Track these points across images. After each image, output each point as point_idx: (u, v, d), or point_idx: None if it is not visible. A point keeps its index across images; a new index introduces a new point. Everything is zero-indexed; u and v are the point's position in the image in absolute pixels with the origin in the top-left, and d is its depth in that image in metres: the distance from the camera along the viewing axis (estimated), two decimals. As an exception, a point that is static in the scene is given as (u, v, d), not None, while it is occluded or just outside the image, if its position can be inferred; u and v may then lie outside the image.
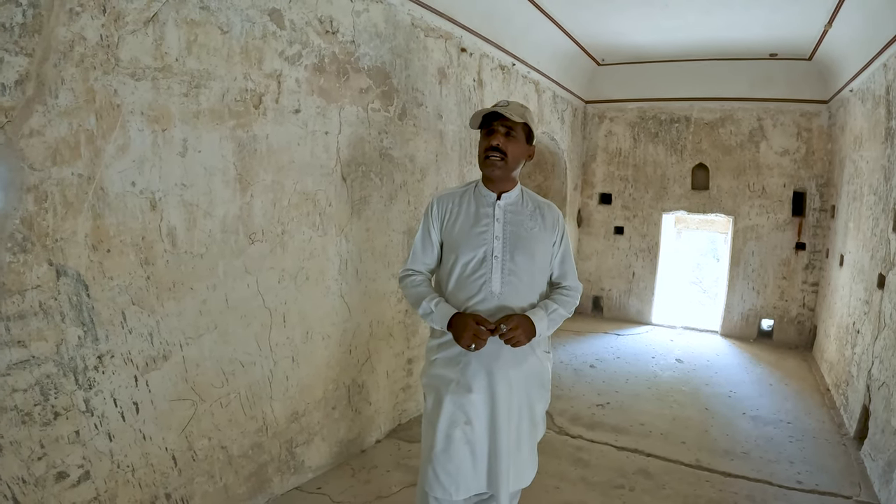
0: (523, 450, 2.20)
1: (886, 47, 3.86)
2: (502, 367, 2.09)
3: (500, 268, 2.09)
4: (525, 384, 2.15)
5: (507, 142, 2.06)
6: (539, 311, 2.10)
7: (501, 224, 2.12)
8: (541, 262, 2.17)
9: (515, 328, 1.99)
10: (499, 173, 2.10)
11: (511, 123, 2.05)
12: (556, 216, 2.24)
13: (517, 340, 2.00)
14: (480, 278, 2.10)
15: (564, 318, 2.22)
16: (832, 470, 3.56)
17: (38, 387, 1.93)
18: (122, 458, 2.22)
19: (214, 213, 2.50)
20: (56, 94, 1.84)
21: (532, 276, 2.15)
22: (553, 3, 4.68)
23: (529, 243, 2.13)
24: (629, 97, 6.98)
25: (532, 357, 2.17)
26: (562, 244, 2.24)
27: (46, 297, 1.92)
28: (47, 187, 1.87)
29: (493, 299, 2.09)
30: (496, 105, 2.07)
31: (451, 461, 2.09)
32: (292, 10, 2.74)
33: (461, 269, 2.12)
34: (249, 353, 2.78)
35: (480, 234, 2.11)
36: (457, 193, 2.24)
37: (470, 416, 2.08)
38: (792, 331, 6.55)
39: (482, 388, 2.08)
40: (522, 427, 2.18)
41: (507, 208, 2.16)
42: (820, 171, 6.28)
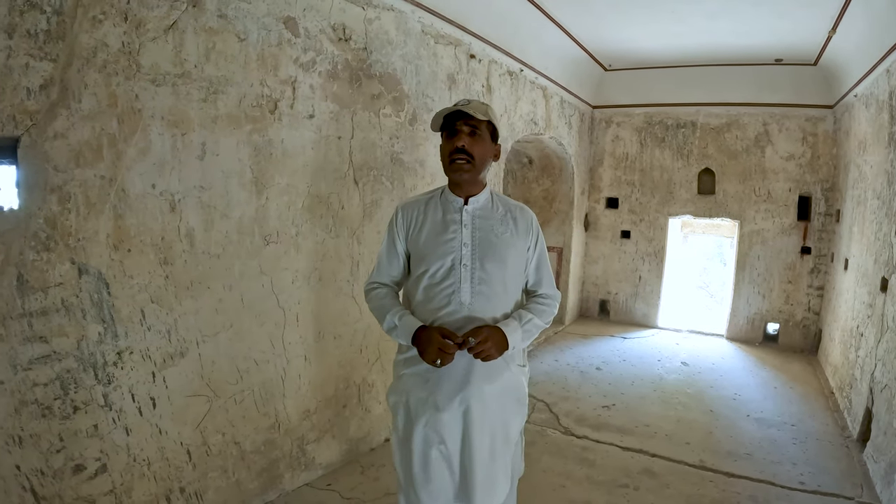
0: (497, 468, 1.99)
1: (889, 53, 3.84)
2: (474, 384, 1.91)
3: (469, 277, 1.92)
4: (499, 401, 1.97)
5: (473, 142, 1.89)
6: (512, 322, 1.92)
7: (469, 230, 1.95)
8: (513, 269, 2.00)
9: (485, 341, 1.82)
10: (466, 177, 1.92)
11: (475, 122, 1.88)
12: (530, 219, 2.06)
13: (487, 354, 1.83)
14: (448, 288, 1.92)
15: (541, 328, 2.03)
16: (835, 471, 3.53)
17: (59, 381, 1.96)
18: (139, 452, 2.25)
19: (231, 214, 2.53)
20: (79, 99, 1.88)
21: (504, 285, 1.97)
22: (561, 10, 4.69)
23: (500, 249, 1.95)
24: (636, 102, 6.97)
25: (506, 372, 1.99)
26: (536, 249, 2.07)
27: (68, 294, 1.96)
28: (70, 188, 1.91)
29: (462, 310, 1.92)
30: (457, 104, 1.89)
31: (431, 482, 1.94)
32: (307, 18, 2.78)
33: (429, 279, 1.94)
34: (263, 351, 2.80)
35: (448, 242, 1.94)
36: (422, 201, 2.06)
37: (443, 436, 1.92)
38: (797, 335, 6.50)
39: (453, 407, 1.91)
40: (496, 446, 1.98)
41: (475, 213, 1.98)
42: (825, 176, 6.24)
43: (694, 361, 5.86)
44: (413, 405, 1.97)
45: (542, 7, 4.54)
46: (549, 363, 5.59)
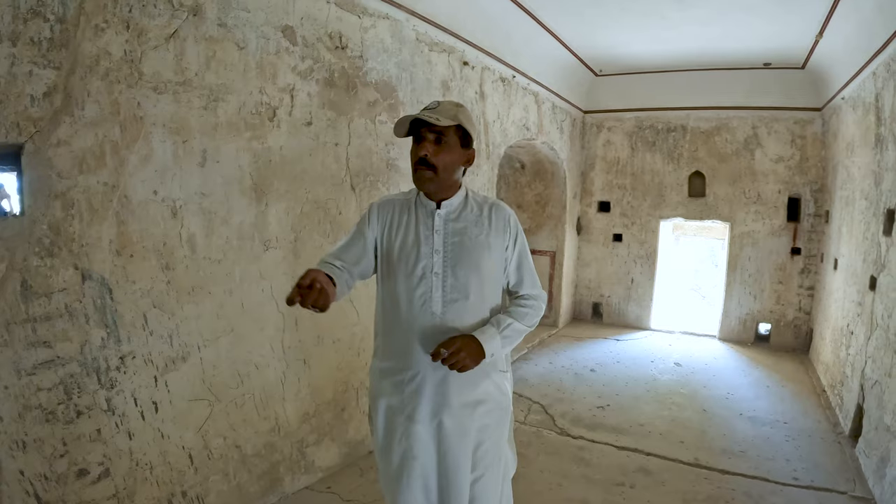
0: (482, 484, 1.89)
1: (875, 56, 3.91)
2: (451, 396, 1.81)
3: (440, 285, 1.80)
4: (479, 413, 1.86)
5: (438, 150, 1.75)
6: (489, 329, 1.80)
7: (441, 236, 1.83)
8: (490, 272, 1.87)
9: (457, 352, 1.69)
10: (431, 187, 1.80)
11: (440, 128, 1.75)
12: (506, 217, 1.91)
13: (462, 365, 1.69)
14: (420, 298, 1.80)
15: (524, 332, 1.90)
16: (827, 467, 3.57)
17: (62, 386, 1.96)
18: (141, 457, 2.25)
19: (231, 220, 2.54)
20: (83, 106, 1.89)
21: (480, 291, 1.85)
22: (552, 17, 4.74)
23: (473, 253, 1.83)
24: (627, 107, 7.03)
25: (486, 381, 1.87)
26: (516, 248, 1.93)
27: (72, 299, 1.96)
28: (74, 195, 1.92)
29: (434, 320, 1.80)
30: (424, 109, 1.77)
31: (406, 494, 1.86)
32: (304, 27, 2.80)
33: (400, 289, 1.83)
34: (263, 355, 2.81)
35: (419, 249, 1.83)
36: (397, 202, 1.94)
37: (416, 451, 1.83)
38: (789, 334, 6.56)
39: (427, 420, 1.81)
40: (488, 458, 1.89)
41: (447, 217, 1.86)
42: (814, 178, 6.31)
43: (687, 362, 5.90)
44: (390, 415, 1.88)
45: (533, 14, 4.59)
46: (544, 365, 5.62)
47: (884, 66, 3.83)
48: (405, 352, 1.83)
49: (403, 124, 1.78)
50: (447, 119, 1.73)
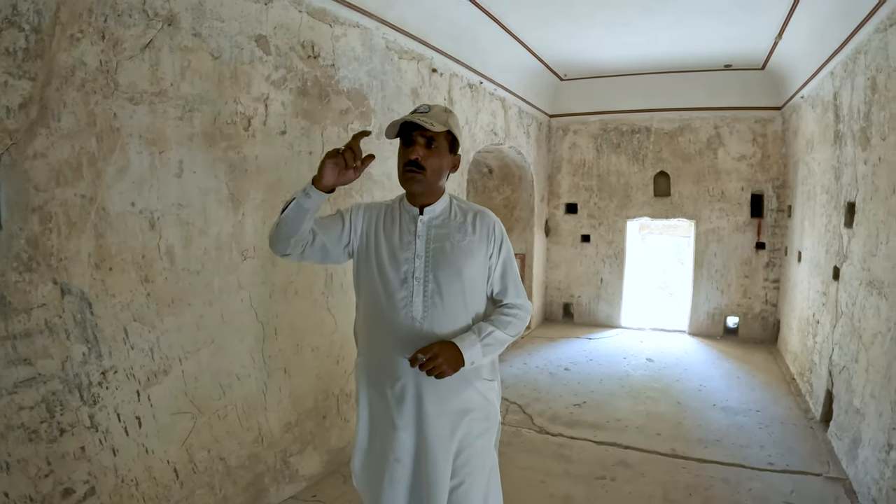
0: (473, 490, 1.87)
1: (833, 56, 4.11)
2: (433, 403, 1.80)
3: (421, 290, 1.80)
4: (464, 420, 1.85)
5: (428, 154, 1.77)
6: (470, 337, 1.77)
7: (423, 241, 1.83)
8: (472, 279, 1.87)
9: (434, 357, 1.67)
10: (419, 188, 1.81)
11: (431, 133, 1.76)
12: (491, 224, 1.91)
13: (440, 371, 1.68)
14: (400, 302, 1.80)
15: (507, 342, 1.87)
16: (801, 451, 3.72)
17: (45, 404, 1.92)
18: (126, 473, 2.21)
19: (209, 231, 2.53)
20: (59, 118, 1.86)
21: (462, 297, 1.84)
22: (518, 24, 4.85)
23: (456, 259, 1.82)
24: (591, 110, 7.21)
25: (469, 390, 1.85)
26: (500, 255, 1.92)
27: (52, 315, 1.93)
28: (51, 208, 1.89)
29: (414, 325, 1.79)
30: (415, 112, 1.78)
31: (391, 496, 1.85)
32: (277, 36, 2.81)
33: (381, 292, 1.83)
34: (244, 365, 2.79)
35: (401, 254, 1.83)
36: (381, 207, 1.96)
37: (398, 454, 1.82)
38: (756, 326, 6.80)
39: (409, 426, 1.81)
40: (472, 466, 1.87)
41: (430, 223, 1.86)
42: (776, 174, 6.58)
43: (659, 357, 6.05)
44: (374, 417, 1.90)
45: (500, 21, 4.68)
46: (519, 366, 5.69)
47: (841, 66, 4.03)
48: (387, 356, 1.82)
49: (395, 126, 1.78)
50: (440, 124, 1.74)
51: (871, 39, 3.39)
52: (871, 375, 3.15)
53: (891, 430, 2.80)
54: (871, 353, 3.18)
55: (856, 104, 3.71)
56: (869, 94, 3.45)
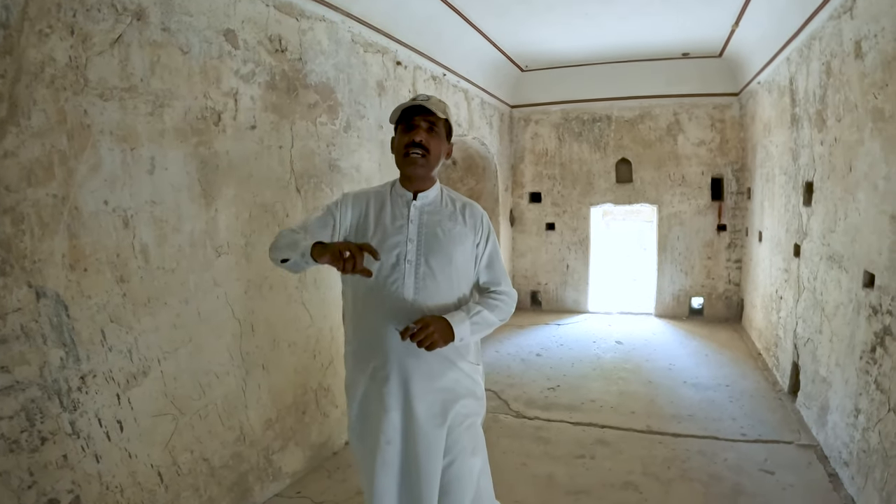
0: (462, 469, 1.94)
1: (789, 42, 4.28)
2: (422, 382, 1.86)
3: (412, 272, 1.86)
4: (451, 398, 1.92)
5: (430, 137, 1.86)
6: (459, 314, 1.85)
7: (416, 225, 1.91)
8: (461, 265, 1.95)
9: (426, 326, 1.73)
10: (421, 171, 1.90)
11: (433, 118, 1.87)
12: (479, 216, 2.02)
13: (431, 342, 1.73)
14: (393, 284, 1.86)
15: (494, 324, 1.97)
16: (772, 421, 3.90)
17: (24, 412, 1.87)
18: (111, 479, 2.17)
19: (183, 228, 2.49)
20: (29, 116, 1.81)
21: (450, 282, 1.92)
22: (480, 15, 4.88)
23: (447, 245, 1.90)
24: (553, 100, 7.31)
25: (455, 370, 1.93)
26: (487, 246, 2.02)
27: (27, 319, 1.87)
28: (23, 208, 1.83)
29: (406, 307, 1.85)
30: (416, 98, 1.87)
31: (378, 484, 1.90)
32: (245, 31, 2.77)
33: (374, 273, 1.84)
34: (223, 363, 2.76)
35: (394, 237, 1.89)
36: (371, 193, 2.01)
37: (389, 436, 1.87)
38: (721, 306, 7.05)
39: (398, 406, 1.87)
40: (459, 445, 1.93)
41: (423, 209, 1.94)
42: (734, 158, 6.82)
43: (627, 340, 6.22)
44: (364, 403, 1.95)
45: (462, 13, 4.70)
46: (491, 354, 5.76)
47: (797, 52, 4.20)
48: (377, 338, 1.87)
49: (398, 111, 1.88)
50: (440, 112, 1.87)
51: (826, 26, 3.54)
52: (836, 345, 3.32)
53: (857, 395, 2.96)
54: (835, 324, 3.36)
55: (811, 88, 3.88)
56: (824, 78, 3.61)
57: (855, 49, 3.08)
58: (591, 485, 3.17)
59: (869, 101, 2.91)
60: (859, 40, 3.01)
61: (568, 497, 3.08)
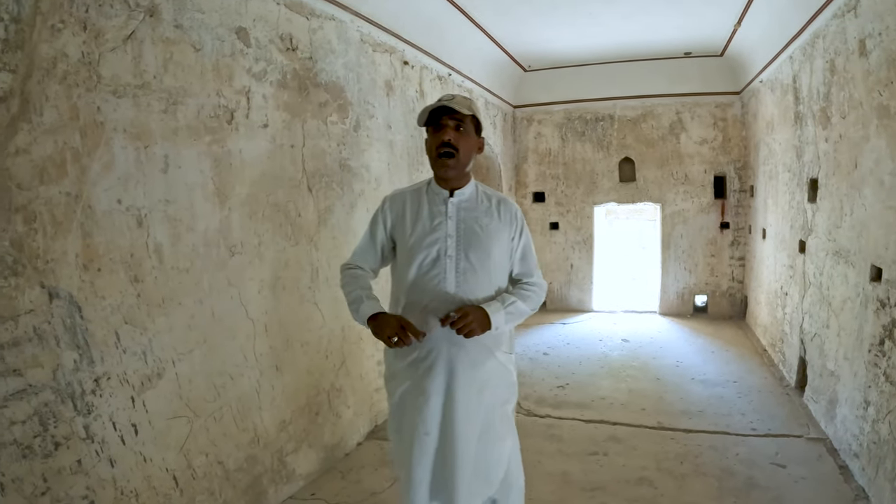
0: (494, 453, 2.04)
1: (792, 41, 4.22)
2: (462, 371, 1.93)
3: (453, 267, 1.94)
4: (487, 387, 2.00)
5: (459, 136, 1.92)
6: (494, 304, 1.93)
7: (454, 222, 1.98)
8: (498, 258, 2.02)
9: (465, 315, 1.81)
10: (452, 172, 1.96)
11: (460, 116, 1.91)
12: (514, 211, 2.08)
13: (470, 330, 1.82)
14: (434, 278, 1.95)
15: (526, 313, 2.03)
16: (781, 416, 3.85)
17: (37, 417, 1.79)
18: (125, 484, 2.08)
19: (196, 227, 2.41)
20: (41, 112, 1.73)
21: (488, 274, 1.99)
22: (485, 15, 4.82)
23: (484, 240, 1.97)
24: (555, 100, 7.23)
25: (491, 360, 2.00)
26: (521, 239, 2.09)
27: (40, 321, 1.79)
28: (36, 207, 1.75)
29: (448, 300, 1.93)
30: (441, 100, 1.92)
31: (417, 471, 1.96)
32: (257, 29, 2.70)
33: (416, 269, 1.96)
34: (237, 364, 2.68)
35: (433, 233, 1.97)
36: (408, 192, 2.09)
37: (428, 426, 1.93)
38: (724, 303, 6.98)
39: (439, 393, 1.93)
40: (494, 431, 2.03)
41: (460, 205, 2.01)
42: (737, 156, 6.75)
43: (633, 338, 6.15)
44: (403, 393, 2.01)
45: (467, 12, 4.64)
46: (499, 353, 5.66)
47: (800, 50, 4.14)
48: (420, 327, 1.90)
49: (425, 113, 1.95)
50: (465, 109, 1.91)
51: (829, 25, 3.49)
52: (843, 339, 3.27)
53: (866, 388, 2.91)
54: (842, 318, 3.30)
55: (815, 86, 3.82)
56: (828, 76, 3.56)
57: (859, 47, 3.03)
58: (606, 481, 3.12)
59: (874, 99, 2.87)
60: (864, 38, 2.97)
61: (584, 493, 3.01)
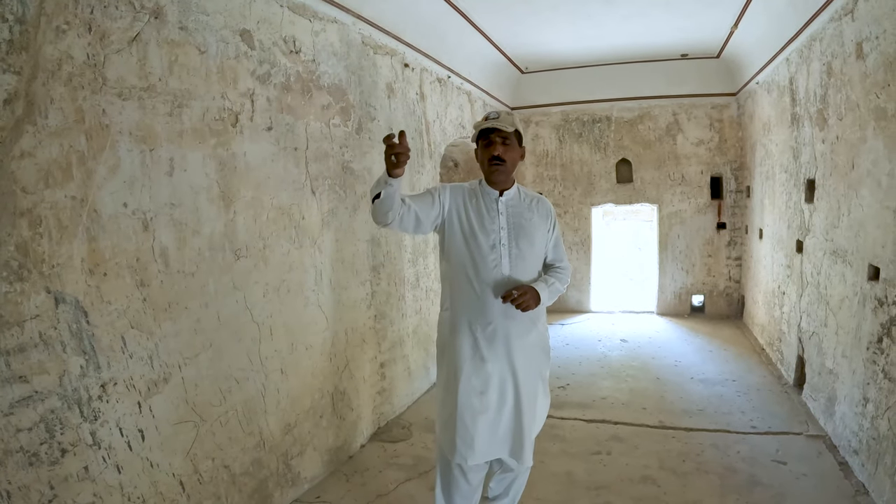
0: (539, 405, 2.43)
1: (789, 43, 4.20)
2: (516, 338, 2.28)
3: (507, 253, 2.30)
4: (533, 351, 2.37)
5: (506, 150, 2.27)
6: (540, 284, 2.30)
7: (505, 217, 2.33)
8: (539, 247, 2.40)
9: (524, 293, 2.16)
10: (502, 178, 2.33)
11: (505, 133, 2.25)
12: (549, 208, 2.46)
13: (527, 304, 2.16)
14: (493, 262, 2.29)
15: (561, 291, 2.42)
16: (780, 414, 3.83)
17: (44, 423, 1.74)
18: (132, 490, 2.03)
19: (202, 230, 2.36)
20: (46, 114, 1.68)
21: (533, 259, 2.37)
22: (483, 17, 4.77)
23: (529, 231, 2.34)
24: (553, 101, 7.19)
25: (534, 330, 2.38)
26: (554, 231, 2.47)
27: (46, 326, 1.74)
28: (41, 211, 1.70)
29: (503, 280, 2.29)
30: (487, 119, 2.26)
31: (469, 428, 2.25)
32: (260, 31, 2.66)
33: (477, 255, 2.30)
34: (242, 368, 2.63)
35: (490, 226, 2.32)
36: (463, 188, 2.40)
37: (486, 386, 2.27)
38: (722, 303, 6.96)
39: (498, 359, 2.27)
40: (537, 389, 2.40)
41: (508, 203, 2.36)
42: (733, 157, 6.73)
43: (632, 338, 6.11)
44: (457, 357, 2.29)
45: (466, 14, 4.59)
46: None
47: (797, 53, 4.12)
48: (481, 304, 2.27)
49: (476, 131, 2.29)
50: (509, 126, 2.23)
51: (827, 28, 3.48)
52: (842, 337, 3.25)
53: (865, 385, 2.91)
54: (840, 317, 3.29)
55: (812, 88, 3.81)
56: (825, 78, 3.55)
57: (856, 50, 3.03)
58: (610, 480, 3.09)
59: (871, 101, 2.86)
60: (861, 42, 2.97)
61: (589, 493, 2.98)
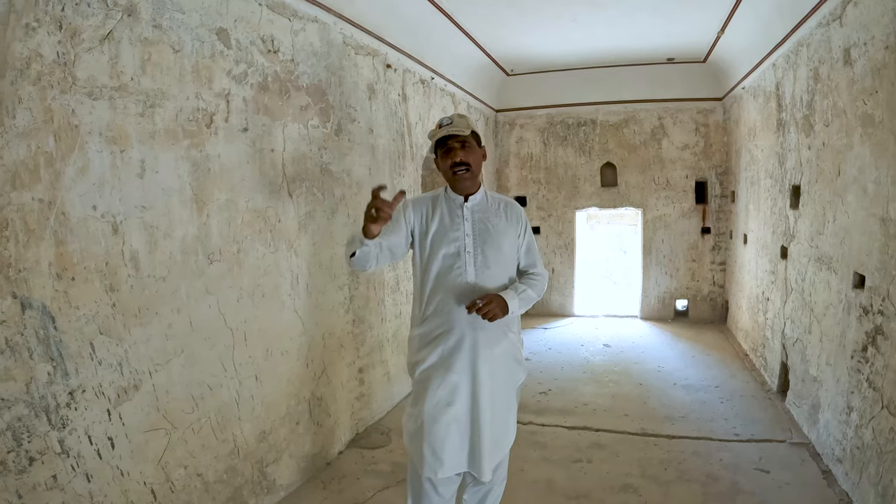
0: (506, 421, 2.37)
1: (775, 49, 4.29)
2: (483, 348, 2.23)
3: (472, 261, 2.26)
4: (502, 362, 2.30)
5: (467, 153, 2.23)
6: (510, 292, 2.23)
7: (470, 223, 2.29)
8: (508, 253, 2.34)
9: (490, 302, 2.10)
10: (468, 183, 2.28)
11: (463, 137, 2.22)
12: (519, 212, 2.41)
13: (493, 314, 2.10)
14: (456, 270, 2.26)
15: (534, 299, 2.35)
16: (763, 421, 3.90)
17: (10, 431, 1.73)
18: (102, 499, 2.03)
19: (174, 234, 2.36)
20: (14, 114, 1.68)
21: (501, 266, 2.31)
22: (468, 19, 4.83)
23: (496, 237, 2.29)
24: (538, 104, 7.28)
25: (504, 339, 2.31)
26: (525, 236, 2.41)
27: (12, 332, 1.74)
28: (7, 214, 1.70)
29: (468, 288, 2.25)
30: (442, 125, 2.23)
31: (437, 440, 2.21)
32: (238, 30, 2.66)
33: (440, 264, 2.27)
34: (215, 374, 2.63)
35: (453, 233, 2.28)
36: (428, 199, 2.38)
37: (453, 398, 2.23)
38: (706, 308, 7.07)
39: (464, 370, 2.22)
40: (504, 401, 2.34)
41: (473, 208, 2.31)
42: (718, 162, 6.86)
43: (615, 342, 6.19)
44: (428, 372, 2.26)
45: (451, 16, 4.64)
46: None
47: (783, 58, 4.20)
48: (446, 314, 2.25)
49: (433, 139, 2.27)
50: (465, 129, 2.21)
51: (814, 34, 3.55)
52: (826, 345, 3.31)
53: (849, 393, 2.96)
54: (825, 324, 3.35)
55: (798, 93, 3.88)
56: (812, 84, 3.62)
57: (844, 56, 3.08)
58: (591, 488, 3.13)
59: (858, 107, 2.92)
60: (849, 48, 3.02)
61: (569, 501, 3.03)
